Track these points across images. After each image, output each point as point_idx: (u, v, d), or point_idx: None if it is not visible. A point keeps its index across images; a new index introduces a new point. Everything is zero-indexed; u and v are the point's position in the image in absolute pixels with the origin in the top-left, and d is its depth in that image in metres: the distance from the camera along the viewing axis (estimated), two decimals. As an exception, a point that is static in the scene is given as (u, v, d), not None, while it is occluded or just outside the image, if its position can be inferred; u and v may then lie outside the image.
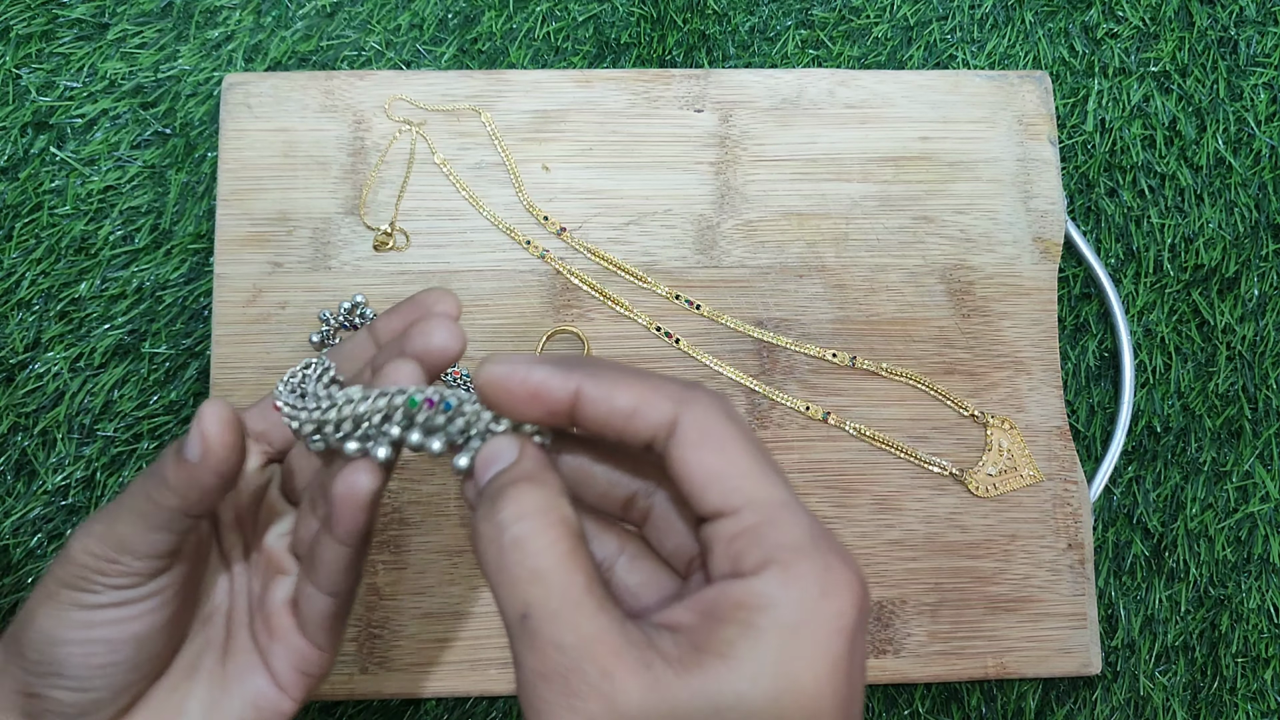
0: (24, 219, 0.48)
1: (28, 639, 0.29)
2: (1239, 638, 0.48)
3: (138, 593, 0.29)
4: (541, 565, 0.24)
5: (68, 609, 0.29)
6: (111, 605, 0.29)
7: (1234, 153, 0.52)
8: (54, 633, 0.29)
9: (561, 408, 0.26)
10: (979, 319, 0.48)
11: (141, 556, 0.29)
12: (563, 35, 0.52)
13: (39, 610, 0.29)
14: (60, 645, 0.29)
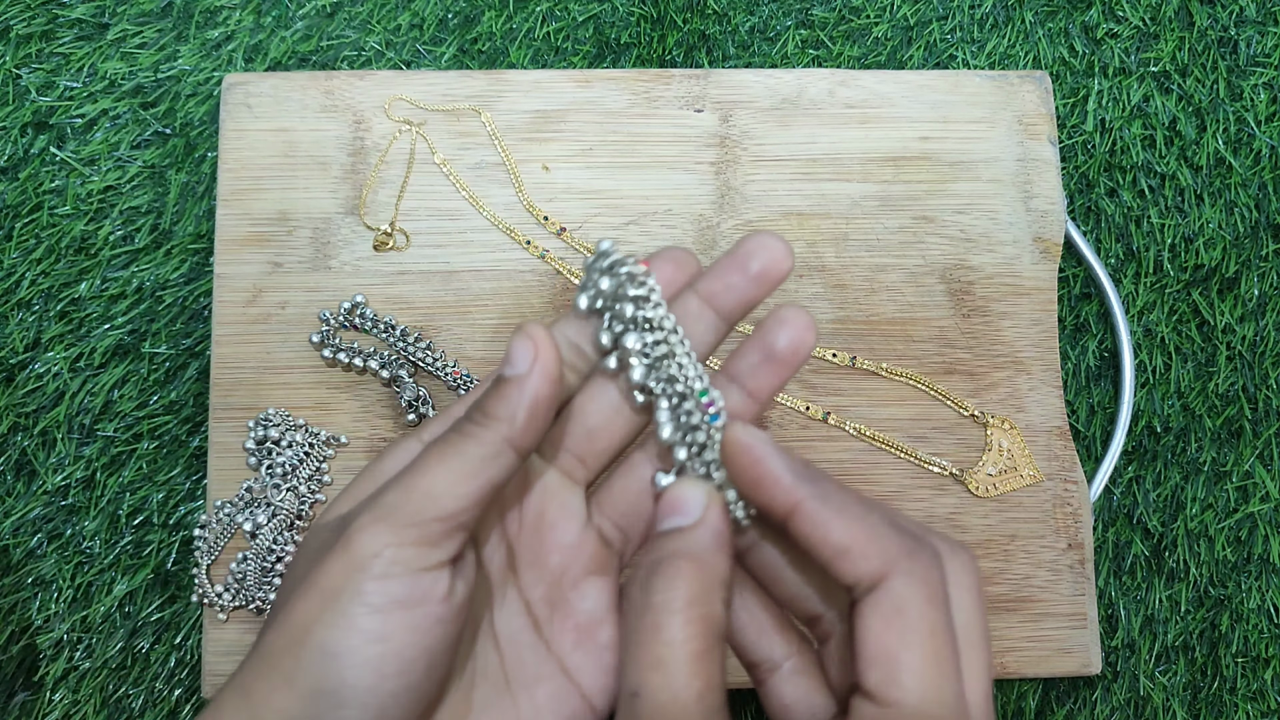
0: (24, 219, 0.48)
1: (303, 659, 0.25)
2: (1239, 638, 0.48)
3: (439, 580, 0.26)
4: (668, 657, 0.23)
5: (358, 614, 0.25)
6: (405, 605, 0.25)
7: (1234, 153, 0.52)
8: (340, 645, 0.25)
9: (778, 509, 0.25)
10: (979, 319, 0.48)
11: (448, 515, 0.26)
12: (563, 35, 0.52)
13: (317, 626, 0.25)
14: (347, 663, 0.24)
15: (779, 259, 0.28)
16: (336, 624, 0.25)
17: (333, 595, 0.25)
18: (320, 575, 0.25)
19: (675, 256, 0.29)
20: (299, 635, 0.25)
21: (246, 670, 0.26)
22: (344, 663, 0.25)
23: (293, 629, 0.25)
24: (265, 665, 0.26)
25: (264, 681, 0.26)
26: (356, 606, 0.25)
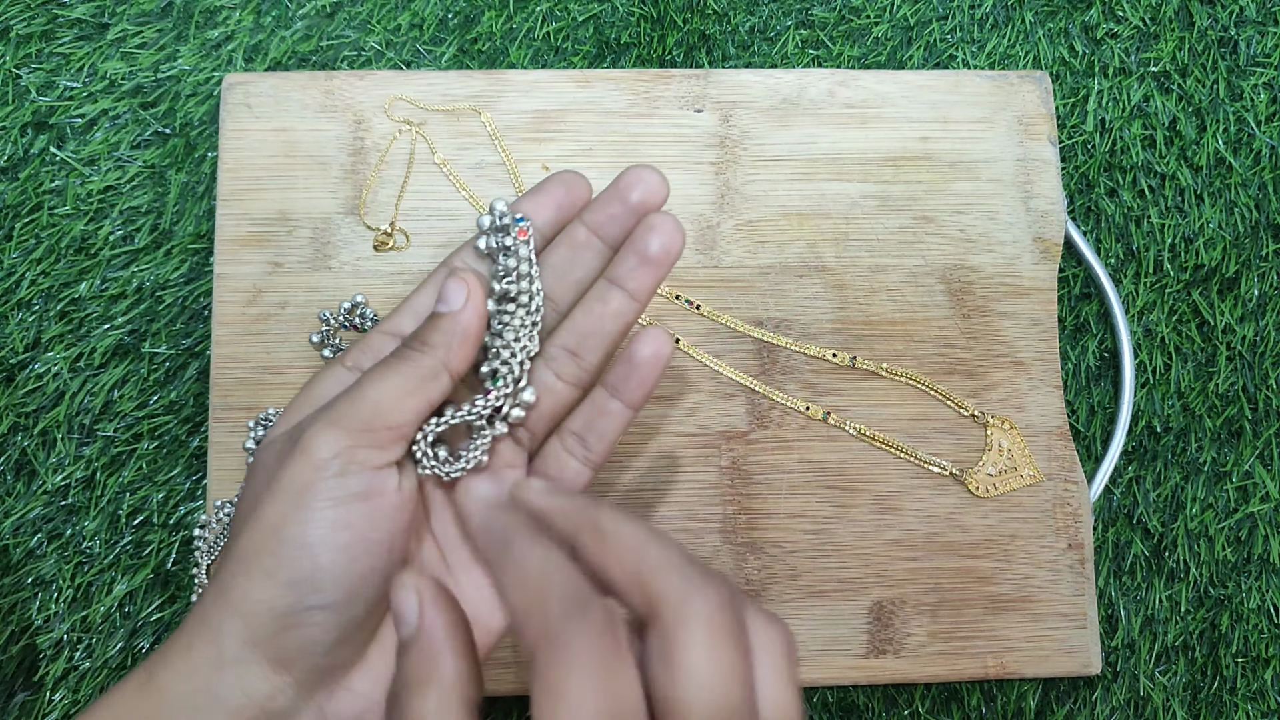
0: (24, 219, 0.48)
1: (281, 553, 0.28)
2: (1239, 638, 0.48)
3: (388, 477, 0.30)
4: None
5: (322, 507, 0.28)
6: (362, 497, 0.29)
7: (1234, 153, 0.52)
8: (311, 536, 0.28)
9: (562, 541, 0.26)
10: (979, 319, 0.48)
11: (394, 425, 0.30)
12: (563, 35, 0.52)
13: (287, 522, 0.28)
14: (319, 550, 0.28)
15: (655, 189, 0.33)
16: (305, 518, 0.28)
17: (298, 493, 0.28)
18: (285, 478, 0.29)
19: (565, 180, 0.34)
20: (272, 533, 0.28)
21: (223, 574, 0.29)
22: (316, 550, 0.28)
23: (265, 529, 0.28)
24: (242, 565, 0.29)
25: (243, 579, 0.28)
26: (320, 501, 0.28)
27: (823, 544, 0.45)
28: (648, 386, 0.33)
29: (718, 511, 0.45)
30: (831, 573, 0.45)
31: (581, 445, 0.34)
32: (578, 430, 0.34)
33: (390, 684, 0.27)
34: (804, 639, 0.45)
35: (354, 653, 0.30)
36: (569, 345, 0.34)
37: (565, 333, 0.34)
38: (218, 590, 0.29)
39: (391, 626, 0.31)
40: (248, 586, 0.28)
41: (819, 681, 0.45)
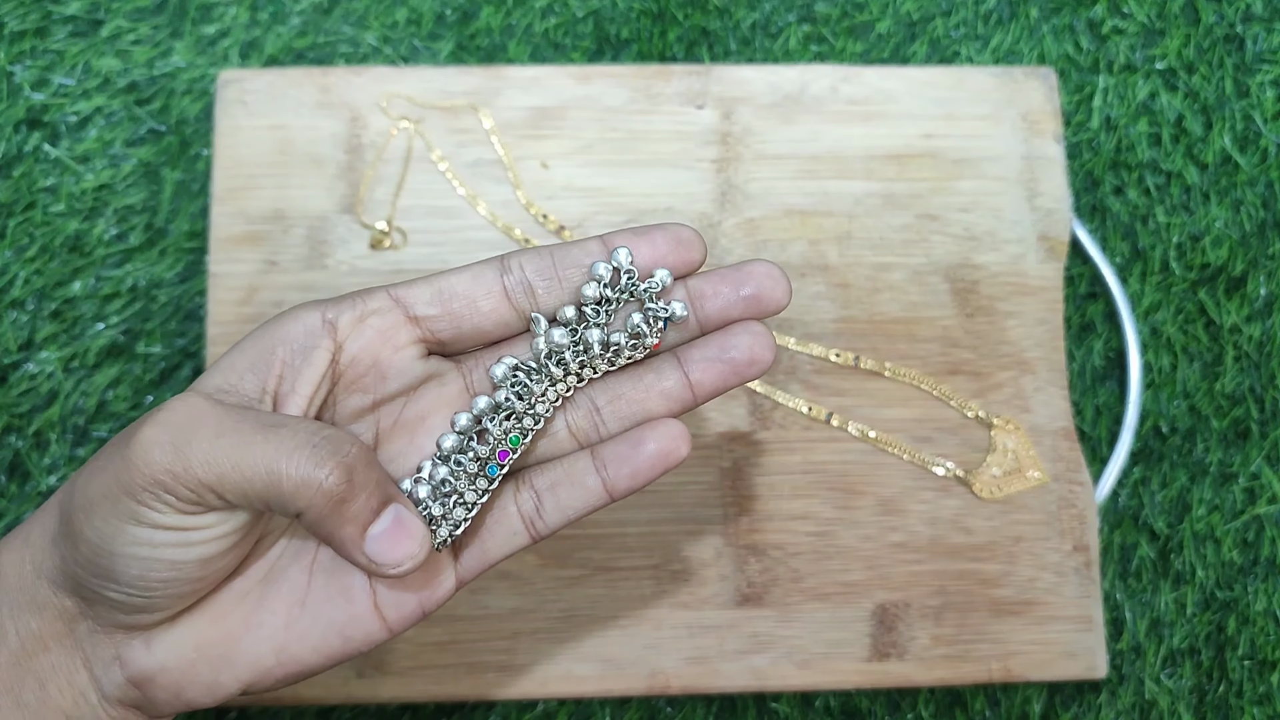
0: (17, 217, 0.48)
1: (80, 535, 0.26)
2: (1246, 641, 0.47)
3: (209, 519, 0.26)
4: None
5: (127, 524, 0.25)
6: (174, 529, 0.25)
7: (1241, 150, 0.51)
8: (110, 545, 0.25)
9: None
10: (984, 318, 0.47)
11: (235, 497, 0.26)
12: (562, 31, 0.51)
13: (95, 512, 0.25)
14: (116, 558, 0.25)
15: (775, 294, 0.29)
16: (108, 524, 0.25)
17: (106, 496, 0.25)
18: (103, 467, 0.26)
19: (679, 236, 0.29)
20: (79, 515, 0.26)
21: (39, 515, 0.28)
22: (113, 552, 0.25)
23: (76, 507, 0.26)
24: (50, 519, 0.27)
25: (45, 536, 0.27)
26: (124, 516, 0.25)
27: (825, 546, 0.45)
28: (640, 482, 0.29)
29: (719, 513, 0.45)
30: (834, 576, 0.45)
31: (535, 507, 0.29)
32: (539, 489, 0.29)
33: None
34: (806, 643, 0.44)
35: (154, 621, 0.27)
36: (597, 401, 0.29)
37: (601, 387, 0.29)
38: (23, 531, 0.28)
39: (231, 590, 0.28)
40: (47, 545, 0.27)
41: (821, 685, 0.44)
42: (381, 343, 0.28)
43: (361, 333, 0.28)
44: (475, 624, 0.44)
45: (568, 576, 0.44)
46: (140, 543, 0.25)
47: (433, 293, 0.28)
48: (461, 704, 0.45)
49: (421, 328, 0.28)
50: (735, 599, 0.44)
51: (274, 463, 0.25)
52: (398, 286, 0.28)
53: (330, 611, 0.28)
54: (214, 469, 0.25)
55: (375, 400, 0.29)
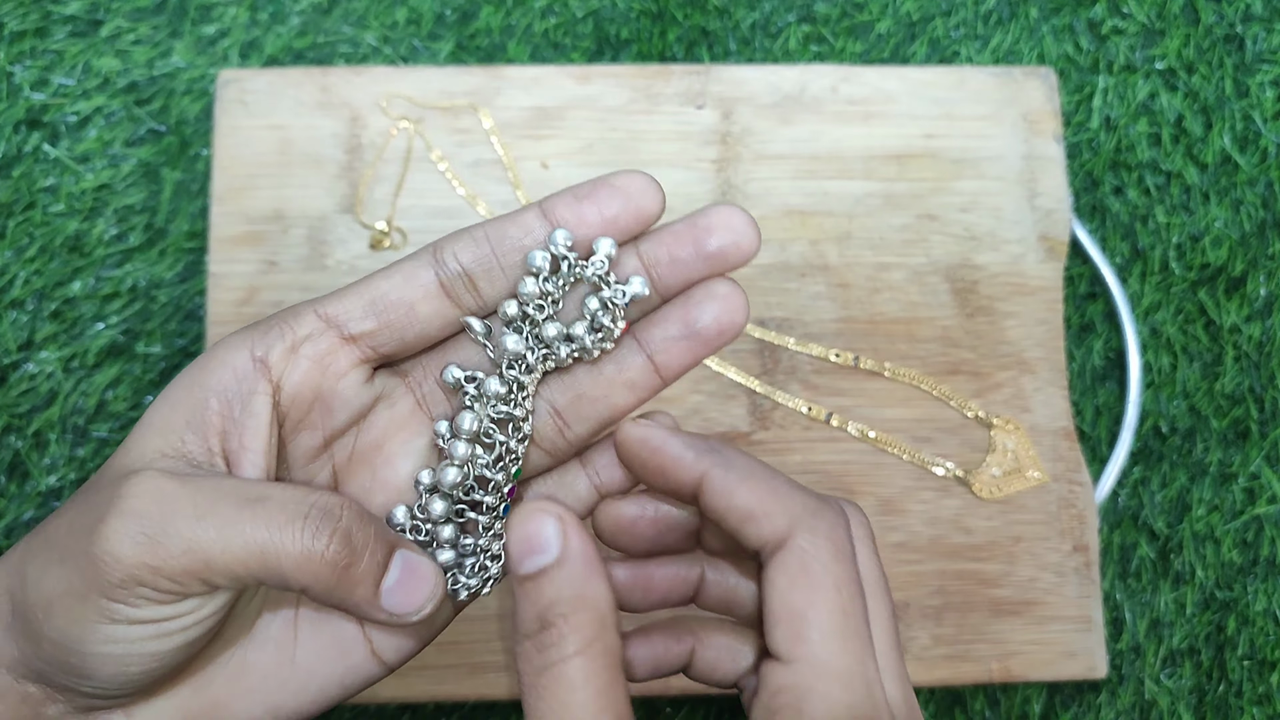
0: (17, 217, 0.48)
1: (41, 636, 0.23)
2: (1245, 641, 0.47)
3: (186, 605, 0.24)
4: (574, 702, 0.23)
5: (98, 623, 0.23)
6: (149, 621, 0.23)
7: (1241, 150, 0.51)
8: (80, 645, 0.23)
9: (686, 489, 0.25)
10: (984, 318, 0.47)
11: (220, 576, 0.23)
12: (561, 31, 0.51)
13: (56, 611, 0.23)
14: (88, 656, 0.23)
15: (744, 241, 0.25)
16: (74, 624, 0.23)
17: (74, 598, 0.23)
18: (61, 560, 0.23)
19: (628, 189, 0.25)
20: (37, 613, 0.23)
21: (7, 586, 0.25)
22: (85, 653, 0.23)
23: (32, 604, 0.23)
24: (17, 602, 0.24)
25: (8, 625, 0.24)
26: (93, 614, 0.23)
27: (825, 546, 0.45)
28: (631, 485, 0.28)
29: (719, 513, 0.45)
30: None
31: None
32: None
33: (521, 622, 0.24)
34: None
35: (133, 700, 0.25)
36: (558, 404, 0.27)
37: (560, 387, 0.27)
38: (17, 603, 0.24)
39: (209, 658, 0.26)
40: (4, 629, 0.24)
41: (821, 686, 0.44)
42: (320, 373, 0.25)
43: (297, 364, 0.25)
44: (475, 624, 0.44)
45: (568, 576, 0.44)
46: (115, 640, 0.23)
47: (365, 305, 0.25)
48: (461, 704, 0.45)
49: (360, 346, 0.26)
50: (735, 599, 0.44)
51: (268, 543, 0.23)
52: (325, 301, 0.26)
53: (324, 666, 0.26)
54: (199, 556, 0.23)
55: (325, 437, 0.26)
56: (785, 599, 0.23)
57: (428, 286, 0.26)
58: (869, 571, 0.26)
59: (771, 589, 0.24)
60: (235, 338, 0.25)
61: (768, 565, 0.24)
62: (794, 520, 0.24)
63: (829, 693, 0.23)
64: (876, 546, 0.27)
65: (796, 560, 0.23)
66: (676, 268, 0.26)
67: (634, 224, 0.26)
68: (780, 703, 0.23)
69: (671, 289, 0.26)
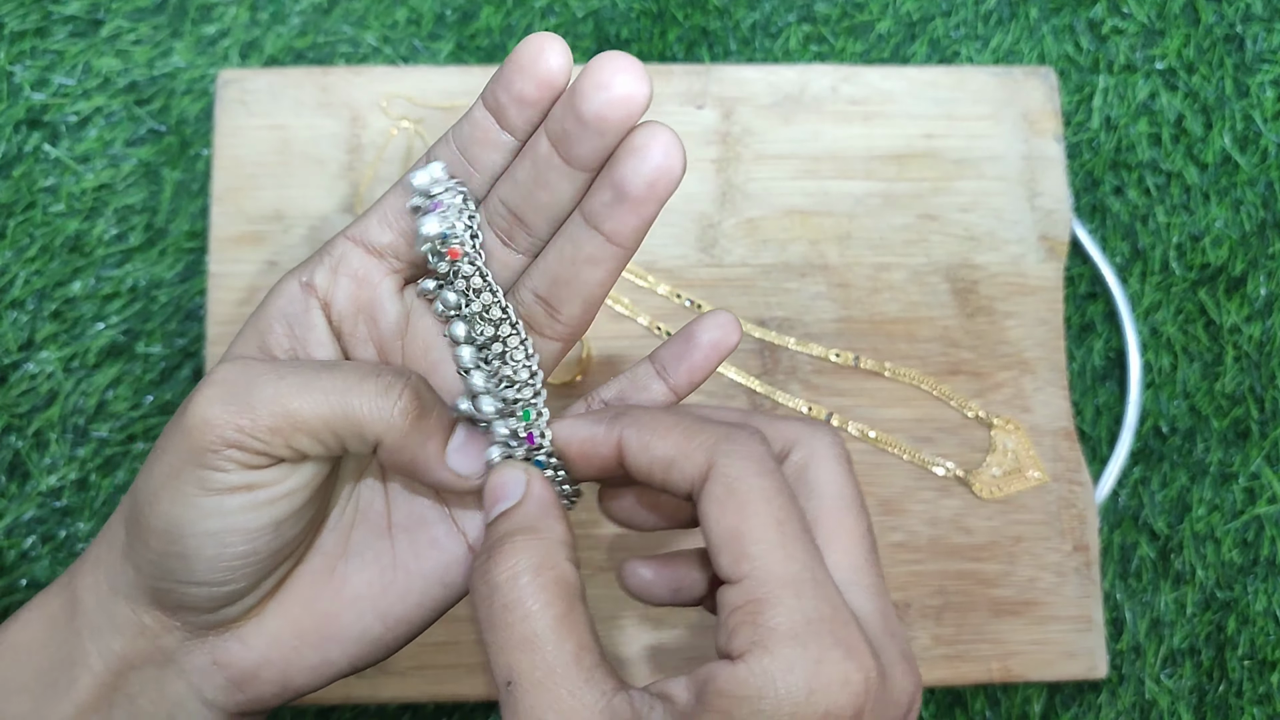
0: (17, 217, 0.48)
1: (150, 528, 0.25)
2: (1246, 641, 0.47)
3: (274, 474, 0.25)
4: (531, 631, 0.23)
5: (195, 497, 0.24)
6: (242, 490, 0.25)
7: (1241, 150, 0.51)
8: (181, 528, 0.25)
9: (610, 462, 0.25)
10: (984, 318, 0.47)
11: (305, 431, 0.25)
12: (562, 31, 0.51)
13: (160, 498, 0.25)
14: (189, 540, 0.25)
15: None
16: (175, 506, 0.25)
17: (170, 475, 0.25)
18: (161, 451, 0.25)
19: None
20: (145, 509, 0.25)
21: (104, 535, 0.27)
22: (186, 534, 0.25)
23: (141, 503, 0.25)
24: (117, 533, 0.27)
25: (114, 551, 0.27)
26: (191, 488, 0.25)
27: (825, 546, 0.45)
28: (699, 377, 0.28)
29: (719, 513, 0.45)
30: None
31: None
32: (609, 401, 0.29)
33: (477, 558, 0.25)
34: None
35: (242, 612, 0.27)
36: (540, 290, 0.27)
37: (536, 274, 0.27)
38: (93, 557, 0.27)
39: (307, 571, 0.28)
40: (118, 560, 0.27)
41: (821, 686, 0.44)
42: (359, 287, 0.27)
43: (339, 284, 0.27)
44: (475, 624, 0.44)
45: (568, 576, 0.44)
46: (210, 514, 0.25)
47: (379, 218, 0.27)
48: (461, 704, 0.45)
49: (387, 259, 0.27)
50: (735, 599, 0.44)
51: (344, 394, 0.25)
52: (352, 225, 0.28)
53: (425, 564, 0.28)
54: (283, 411, 0.24)
55: (377, 349, 0.28)
56: (719, 525, 0.24)
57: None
58: (843, 488, 0.26)
59: (706, 521, 0.24)
60: (286, 275, 0.27)
61: (699, 502, 0.24)
62: (711, 450, 0.24)
63: (781, 600, 0.23)
64: (849, 464, 0.27)
65: (721, 486, 0.24)
66: (573, 141, 0.24)
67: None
68: (736, 621, 0.23)
69: (587, 162, 0.25)
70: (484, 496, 0.26)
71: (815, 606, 0.23)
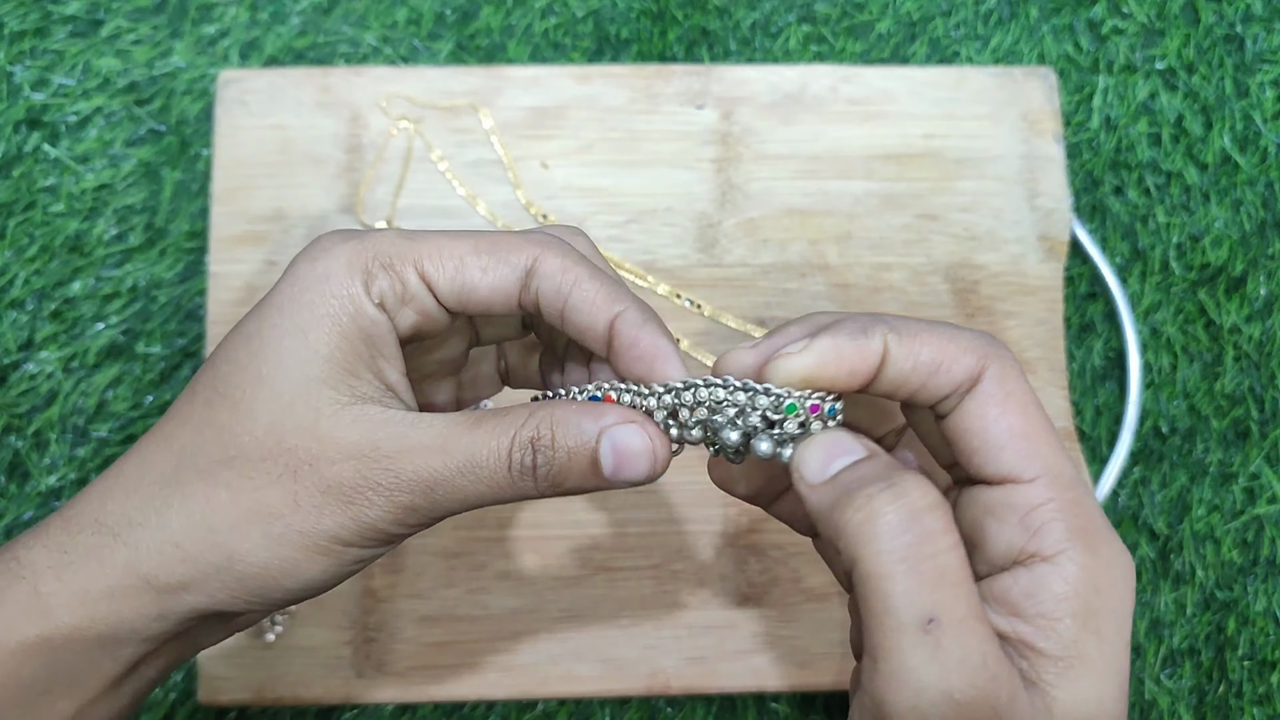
0: (17, 217, 0.48)
1: (243, 573, 0.25)
2: (1246, 641, 0.47)
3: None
4: (950, 565, 0.21)
5: (335, 564, 0.25)
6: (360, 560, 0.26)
7: (1241, 150, 0.51)
8: (302, 576, 0.25)
9: (870, 372, 0.24)
10: (984, 319, 0.47)
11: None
12: (562, 31, 0.51)
13: (303, 559, 0.25)
14: (305, 589, 0.25)
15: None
16: (307, 560, 0.25)
17: (309, 535, 0.25)
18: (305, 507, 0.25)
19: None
20: (239, 545, 0.25)
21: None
22: (299, 589, 0.26)
23: (233, 531, 0.25)
24: (187, 539, 0.25)
25: (175, 548, 0.25)
26: (334, 554, 0.25)
27: (825, 546, 0.45)
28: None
29: (719, 514, 0.45)
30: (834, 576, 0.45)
31: None
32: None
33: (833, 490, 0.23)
34: (806, 643, 0.44)
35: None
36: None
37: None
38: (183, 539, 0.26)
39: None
40: (174, 552, 0.25)
41: (821, 687, 0.44)
42: (424, 322, 0.28)
43: (405, 316, 0.27)
44: (475, 624, 0.44)
45: (568, 576, 0.44)
46: (336, 573, 0.26)
47: (457, 291, 0.27)
48: (461, 704, 0.45)
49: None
50: (735, 599, 0.44)
51: (487, 497, 0.26)
52: (427, 258, 0.27)
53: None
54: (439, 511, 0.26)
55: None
56: (999, 425, 0.24)
57: (509, 299, 0.27)
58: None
59: (981, 420, 0.24)
60: (351, 281, 0.25)
61: (967, 401, 0.24)
62: (982, 354, 0.24)
63: (1084, 499, 0.23)
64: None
65: (999, 387, 0.24)
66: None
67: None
68: (1039, 521, 0.23)
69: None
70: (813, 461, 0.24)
71: (1098, 515, 0.23)
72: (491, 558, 0.44)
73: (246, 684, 0.43)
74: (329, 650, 0.43)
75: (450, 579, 0.44)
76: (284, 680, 0.43)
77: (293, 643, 0.43)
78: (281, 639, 0.43)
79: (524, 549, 0.44)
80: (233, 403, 0.25)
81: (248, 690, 0.42)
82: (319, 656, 0.43)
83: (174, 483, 0.25)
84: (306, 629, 0.43)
